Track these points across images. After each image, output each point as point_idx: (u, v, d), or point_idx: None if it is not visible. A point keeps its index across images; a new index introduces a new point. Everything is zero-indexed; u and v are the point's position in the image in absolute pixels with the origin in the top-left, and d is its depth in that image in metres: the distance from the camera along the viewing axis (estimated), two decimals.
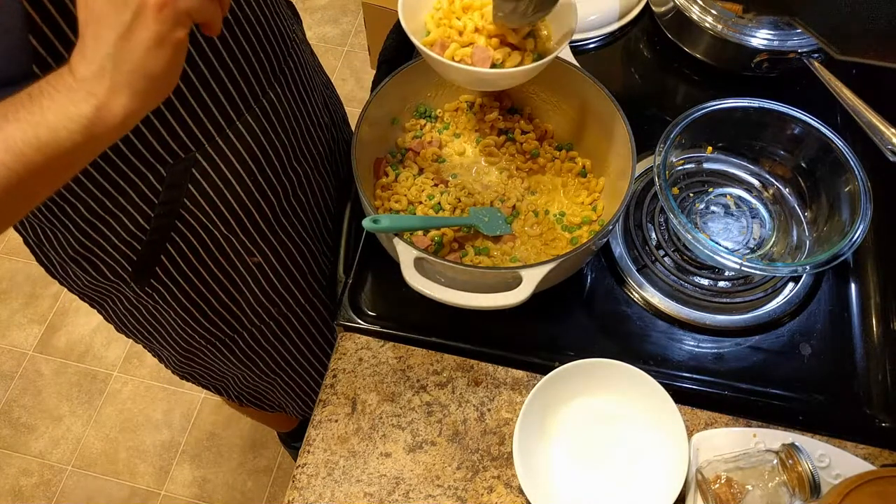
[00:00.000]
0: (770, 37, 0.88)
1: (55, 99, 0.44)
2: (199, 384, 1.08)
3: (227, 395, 1.12)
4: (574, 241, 0.79)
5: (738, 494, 0.62)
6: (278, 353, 0.98)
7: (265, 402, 1.15)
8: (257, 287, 0.85)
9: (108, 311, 0.89)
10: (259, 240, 0.81)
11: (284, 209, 0.82)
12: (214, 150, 0.69)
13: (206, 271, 0.79)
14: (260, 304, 0.88)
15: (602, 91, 0.77)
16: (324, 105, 0.87)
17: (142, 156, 0.64)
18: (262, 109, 0.73)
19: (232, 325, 0.89)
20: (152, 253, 0.75)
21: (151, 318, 0.87)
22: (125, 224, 0.70)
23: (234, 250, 0.79)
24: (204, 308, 0.84)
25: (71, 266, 0.78)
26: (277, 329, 0.94)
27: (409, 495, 0.70)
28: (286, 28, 0.75)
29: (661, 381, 0.69)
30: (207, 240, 0.76)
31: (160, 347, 0.95)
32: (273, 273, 0.86)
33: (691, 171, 0.87)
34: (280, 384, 1.06)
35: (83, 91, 0.44)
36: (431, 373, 0.76)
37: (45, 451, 1.67)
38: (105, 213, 0.68)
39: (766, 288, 0.80)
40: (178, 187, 0.69)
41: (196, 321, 0.86)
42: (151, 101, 0.47)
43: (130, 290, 0.80)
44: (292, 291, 0.90)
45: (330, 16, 2.36)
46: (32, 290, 1.87)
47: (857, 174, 0.76)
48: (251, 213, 0.78)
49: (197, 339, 0.90)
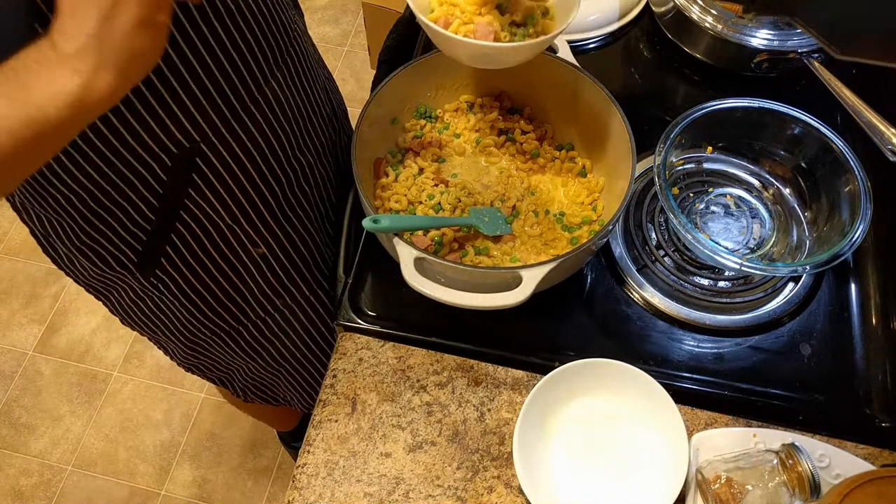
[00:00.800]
0: (770, 37, 0.88)
1: (40, 76, 0.44)
2: (204, 377, 1.08)
3: (231, 388, 1.12)
4: (574, 241, 0.79)
5: (738, 494, 0.62)
6: (283, 344, 0.99)
7: (270, 395, 1.15)
8: (262, 278, 0.86)
9: (113, 303, 0.90)
10: (263, 230, 0.81)
11: (288, 199, 0.82)
12: (218, 140, 0.70)
13: (211, 262, 0.80)
14: (264, 294, 0.88)
15: (602, 91, 0.77)
16: (326, 96, 0.88)
17: (147, 146, 0.65)
18: (265, 99, 0.73)
19: (237, 316, 0.89)
20: (157, 243, 0.75)
21: (157, 310, 0.87)
22: (130, 214, 0.71)
23: (238, 241, 0.80)
24: (209, 299, 0.85)
25: (77, 257, 0.78)
26: (282, 320, 0.94)
27: (409, 495, 0.70)
28: (288, 18, 0.75)
29: (661, 381, 0.69)
30: (212, 230, 0.77)
31: (166, 339, 0.95)
32: (277, 264, 0.86)
33: (691, 171, 0.87)
34: (285, 375, 1.07)
35: (68, 68, 0.44)
36: (431, 373, 0.76)
37: (45, 451, 1.67)
38: (110, 203, 0.69)
39: (766, 288, 0.80)
40: (183, 178, 0.70)
41: (201, 312, 0.86)
42: (135, 77, 0.47)
43: (136, 280, 0.81)
44: (296, 282, 0.90)
45: (330, 16, 2.36)
46: (32, 290, 1.88)
47: (857, 174, 0.76)
48: (255, 203, 0.78)
49: (202, 331, 0.90)
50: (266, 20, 0.70)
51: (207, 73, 0.65)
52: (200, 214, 0.75)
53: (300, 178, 0.83)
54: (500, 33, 0.67)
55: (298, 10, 0.88)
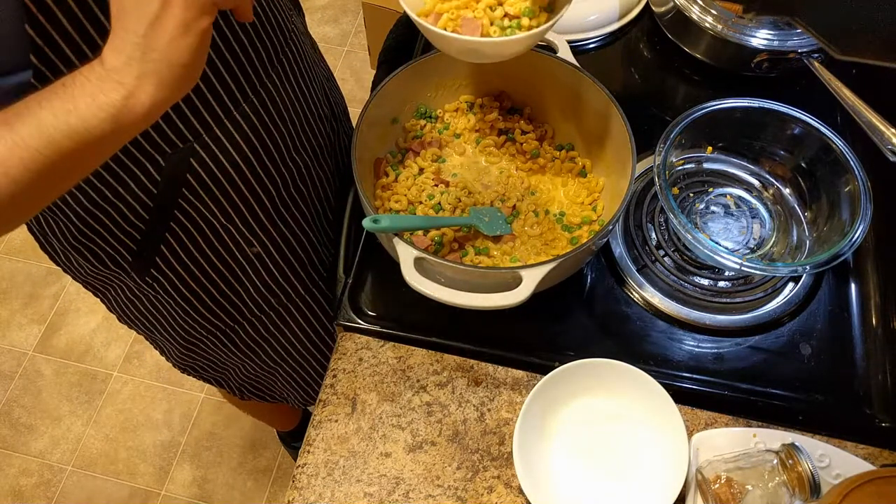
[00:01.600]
0: (770, 37, 0.88)
1: (86, 88, 0.46)
2: (199, 377, 1.08)
3: (227, 388, 1.12)
4: (574, 241, 0.79)
5: (738, 494, 0.62)
6: (279, 343, 0.99)
7: (266, 393, 1.15)
8: (257, 277, 0.86)
9: (110, 301, 0.90)
10: (258, 230, 0.81)
11: (284, 200, 0.82)
12: (213, 141, 0.70)
13: (206, 261, 0.80)
14: (260, 293, 0.88)
15: (602, 91, 0.77)
16: (324, 96, 0.88)
17: (140, 146, 0.65)
18: (260, 99, 0.73)
19: (232, 315, 0.89)
20: (152, 243, 0.75)
21: (153, 309, 0.87)
22: (124, 213, 0.71)
23: (233, 240, 0.80)
24: (204, 298, 0.85)
25: (73, 254, 0.78)
26: (278, 319, 0.94)
27: (409, 495, 0.70)
28: (284, 18, 0.75)
29: (661, 381, 0.69)
30: (207, 230, 0.77)
31: (162, 339, 0.95)
32: (273, 263, 0.86)
33: (691, 171, 0.87)
34: (281, 374, 1.07)
35: (112, 80, 0.45)
36: (431, 373, 0.76)
37: (45, 451, 1.67)
38: (104, 202, 0.69)
39: (766, 288, 0.80)
40: (177, 178, 0.70)
41: (196, 311, 0.86)
42: (177, 90, 0.48)
43: (131, 279, 0.81)
44: (292, 281, 0.90)
45: (330, 16, 2.36)
46: (32, 290, 1.88)
47: (857, 174, 0.76)
48: (250, 203, 0.78)
49: (198, 330, 0.90)
50: (260, 19, 0.70)
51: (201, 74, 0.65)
52: (195, 214, 0.74)
53: (297, 179, 0.83)
54: (487, 28, 0.67)
55: (298, 9, 0.88)
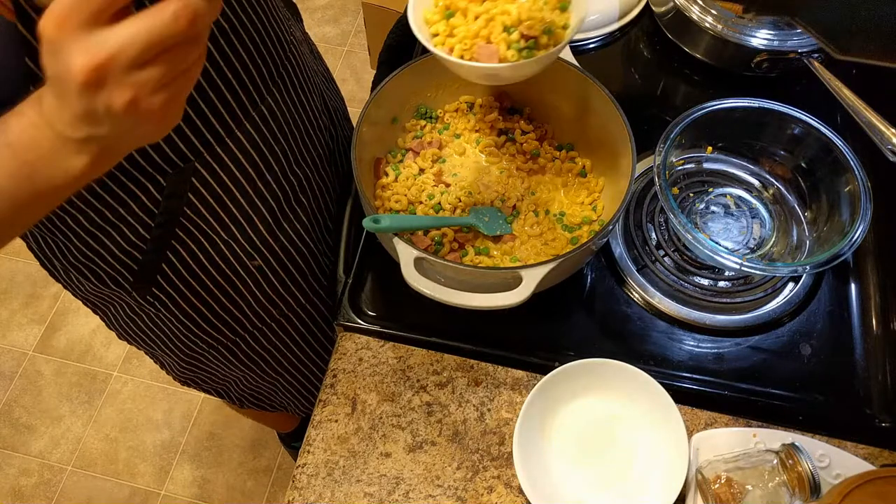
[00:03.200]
0: (770, 37, 0.88)
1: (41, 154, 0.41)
2: (200, 389, 1.08)
3: (228, 399, 1.12)
4: (574, 241, 0.79)
5: (738, 494, 0.62)
6: (281, 354, 0.98)
7: (267, 403, 1.15)
8: (258, 290, 0.85)
9: (109, 319, 0.89)
10: (260, 244, 0.81)
11: (286, 213, 0.82)
12: (214, 159, 0.69)
13: (208, 277, 0.79)
14: (261, 306, 0.88)
15: (602, 91, 0.77)
16: (323, 106, 0.87)
17: (140, 167, 0.64)
18: (261, 116, 0.72)
19: (234, 329, 0.89)
20: (153, 262, 0.75)
21: (154, 326, 0.87)
22: (125, 234, 0.70)
23: (234, 255, 0.79)
24: (205, 313, 0.84)
25: (73, 273, 0.78)
26: (279, 330, 0.94)
27: (409, 495, 0.70)
28: (283, 31, 0.75)
29: (661, 381, 0.69)
30: (208, 247, 0.76)
31: (162, 354, 0.95)
32: (274, 275, 0.85)
33: (691, 171, 0.87)
34: (282, 384, 1.06)
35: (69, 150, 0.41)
36: (431, 373, 0.76)
37: (45, 451, 1.67)
38: (105, 223, 0.68)
39: (766, 288, 0.80)
40: (178, 197, 0.69)
41: (198, 327, 0.86)
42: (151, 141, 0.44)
43: (132, 298, 0.80)
44: (293, 292, 0.90)
45: (330, 16, 2.36)
46: (32, 290, 1.87)
47: (857, 174, 0.76)
48: (252, 219, 0.77)
49: (199, 345, 0.90)
50: (261, 36, 0.69)
51: (201, 93, 0.64)
52: (196, 232, 0.74)
53: (297, 191, 0.83)
54: (504, 52, 0.66)
55: (297, 16, 0.87)
